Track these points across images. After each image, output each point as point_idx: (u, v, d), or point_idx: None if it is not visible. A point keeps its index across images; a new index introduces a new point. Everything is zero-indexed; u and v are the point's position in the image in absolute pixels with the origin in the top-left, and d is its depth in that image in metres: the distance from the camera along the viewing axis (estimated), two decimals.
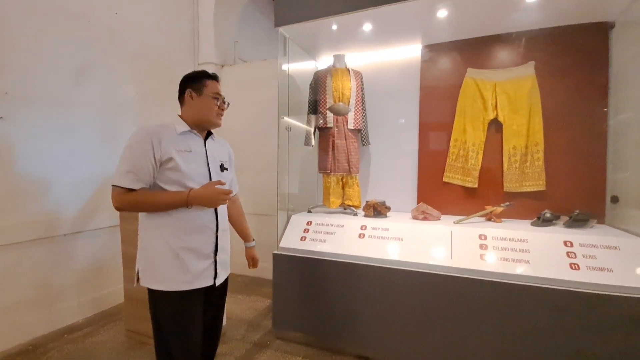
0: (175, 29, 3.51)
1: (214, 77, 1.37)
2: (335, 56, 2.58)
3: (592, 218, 2.00)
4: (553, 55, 2.21)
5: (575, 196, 2.16)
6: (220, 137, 1.49)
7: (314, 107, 2.59)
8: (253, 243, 1.67)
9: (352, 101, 2.50)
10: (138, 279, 1.31)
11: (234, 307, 2.82)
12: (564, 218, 2.05)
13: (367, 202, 2.42)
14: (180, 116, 1.36)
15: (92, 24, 2.69)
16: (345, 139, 2.50)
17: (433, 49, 2.53)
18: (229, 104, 1.41)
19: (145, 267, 1.29)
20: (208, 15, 3.66)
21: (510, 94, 2.28)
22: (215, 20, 3.65)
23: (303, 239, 2.29)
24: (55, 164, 2.45)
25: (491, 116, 2.34)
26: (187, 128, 1.32)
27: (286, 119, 2.49)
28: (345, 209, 2.57)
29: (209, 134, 1.41)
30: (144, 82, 3.13)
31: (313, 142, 2.64)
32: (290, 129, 2.50)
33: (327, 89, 2.50)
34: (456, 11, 2.09)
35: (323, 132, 2.58)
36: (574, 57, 2.17)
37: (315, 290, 2.16)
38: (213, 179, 1.33)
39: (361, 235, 2.18)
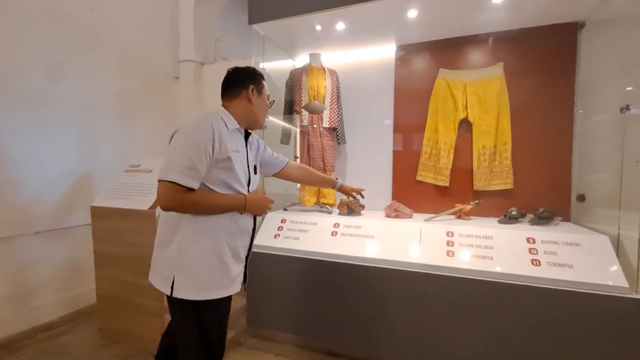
0: (154, 25, 3.48)
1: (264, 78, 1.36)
2: (311, 55, 2.60)
3: (556, 216, 2.05)
4: (522, 56, 2.25)
5: (541, 194, 2.21)
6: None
7: (290, 106, 2.60)
8: (340, 182, 1.80)
9: (328, 100, 2.52)
10: (172, 288, 1.15)
11: None
12: (530, 216, 2.10)
13: (341, 200, 2.45)
14: (227, 110, 1.25)
15: (68, 20, 2.66)
16: (321, 138, 2.52)
17: (406, 49, 2.56)
18: (273, 101, 1.42)
19: (185, 276, 1.15)
20: (188, 12, 3.64)
21: (479, 94, 2.33)
22: (195, 18, 3.64)
23: (276, 236, 2.30)
24: (31, 160, 2.42)
25: (462, 116, 2.38)
26: (237, 125, 1.23)
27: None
28: (320, 207, 2.59)
29: (248, 133, 1.33)
30: (122, 79, 3.11)
31: (285, 141, 2.65)
32: (265, 127, 2.51)
33: (303, 88, 2.51)
34: (427, 11, 2.12)
35: (299, 130, 2.59)
36: (543, 58, 2.21)
37: (288, 288, 2.18)
38: (251, 183, 1.29)
39: (334, 233, 2.21)
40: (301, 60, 2.90)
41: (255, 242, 2.31)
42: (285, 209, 2.62)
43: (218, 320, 1.22)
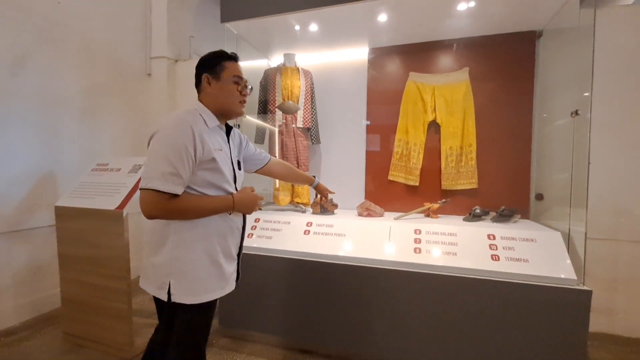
0: (125, 20, 3.38)
1: (234, 58, 1.21)
2: (285, 55, 2.61)
3: (516, 213, 2.17)
4: (485, 62, 2.37)
5: (503, 193, 2.33)
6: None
7: (264, 105, 2.61)
8: (317, 180, 1.77)
9: (301, 100, 2.55)
10: (169, 294, 1.12)
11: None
12: (493, 214, 2.21)
13: (314, 199, 2.48)
14: (201, 104, 1.18)
15: (31, 12, 2.54)
16: (294, 137, 2.54)
17: (379, 52, 2.63)
18: (252, 88, 1.25)
19: (181, 281, 1.12)
20: (161, 7, 3.56)
21: (447, 97, 2.43)
22: (168, 13, 3.56)
23: (250, 235, 2.30)
24: None
25: (430, 118, 2.47)
26: (216, 122, 1.17)
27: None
28: (295, 206, 2.61)
29: (229, 127, 1.28)
30: (89, 75, 2.99)
31: (259, 141, 2.66)
32: (239, 126, 2.50)
33: (277, 87, 2.53)
34: (397, 16, 2.19)
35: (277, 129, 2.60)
36: (504, 64, 2.34)
37: (260, 287, 2.19)
38: (237, 181, 1.25)
39: (306, 232, 2.24)
40: (276, 60, 2.91)
41: None
42: (259, 209, 2.62)
43: (209, 320, 1.23)
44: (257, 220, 2.39)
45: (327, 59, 2.78)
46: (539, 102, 2.30)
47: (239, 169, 1.29)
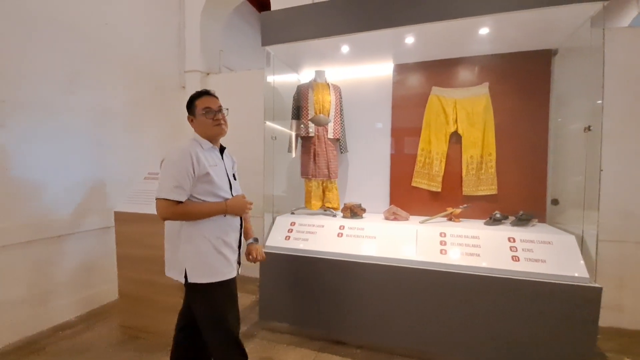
0: (162, 37, 3.65)
1: (204, 93, 1.56)
2: (317, 72, 2.84)
3: (534, 218, 2.36)
4: (504, 78, 2.56)
5: (521, 199, 2.52)
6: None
7: (297, 118, 2.84)
8: (251, 240, 1.80)
9: (332, 113, 2.77)
10: (186, 277, 1.47)
11: None
12: (511, 218, 2.40)
13: (345, 204, 2.69)
14: (197, 135, 1.56)
15: (83, 34, 2.81)
16: (325, 147, 2.76)
17: (403, 68, 2.83)
18: (227, 109, 1.60)
19: (194, 266, 1.46)
20: (194, 24, 3.82)
21: (468, 110, 2.62)
22: (201, 29, 3.81)
23: (287, 238, 2.53)
24: (49, 168, 2.56)
25: (452, 129, 2.67)
26: (210, 145, 1.54)
27: (269, 124, 2.71)
28: (325, 210, 2.83)
29: (222, 148, 1.64)
30: (132, 90, 3.26)
31: (294, 151, 2.89)
32: (275, 137, 2.74)
33: (309, 102, 2.75)
34: (421, 38, 2.39)
35: (305, 140, 2.83)
36: (522, 79, 2.53)
37: (298, 284, 2.41)
38: (232, 187, 1.59)
39: (340, 235, 2.45)
40: (305, 74, 3.13)
41: (268, 243, 2.54)
42: (292, 213, 2.84)
43: (227, 298, 1.53)
44: (292, 224, 2.61)
45: (354, 74, 2.99)
46: (554, 114, 2.48)
47: (234, 179, 1.65)
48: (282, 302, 2.47)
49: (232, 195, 1.58)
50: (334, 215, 2.72)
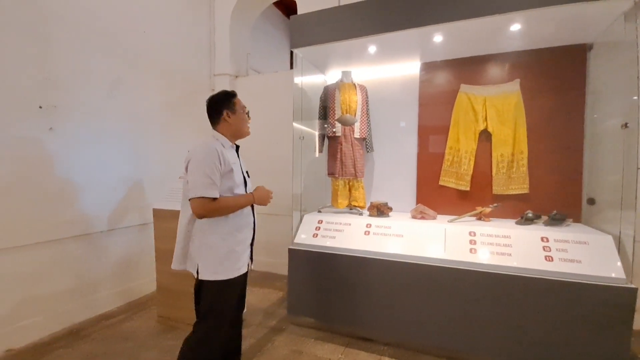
0: (194, 43, 3.81)
1: (236, 95, 1.64)
2: (343, 72, 2.88)
3: (568, 217, 2.29)
4: (536, 74, 2.50)
5: (555, 198, 2.45)
6: None
7: (324, 118, 2.89)
8: None
9: (358, 113, 2.80)
10: (198, 273, 1.53)
11: (251, 298, 3.11)
12: (544, 217, 2.34)
13: (371, 203, 2.72)
14: (220, 133, 1.61)
15: (123, 42, 2.99)
16: (352, 147, 2.80)
17: (430, 67, 2.82)
18: (249, 112, 1.69)
19: (206, 263, 1.51)
20: (224, 29, 3.96)
21: (498, 107, 2.58)
22: (230, 34, 3.95)
23: (315, 235, 2.59)
24: (93, 168, 2.75)
25: (481, 127, 2.63)
26: (230, 143, 1.60)
27: (297, 125, 2.78)
28: (351, 209, 2.87)
29: (237, 147, 1.69)
30: (167, 93, 3.43)
31: (321, 150, 2.94)
32: (302, 138, 2.80)
33: (336, 102, 2.80)
34: (450, 36, 2.38)
35: (332, 140, 2.88)
36: (555, 75, 2.46)
37: (325, 281, 2.46)
38: (247, 184, 1.66)
39: (366, 233, 2.48)
40: (331, 75, 3.18)
41: (296, 240, 2.61)
42: (319, 211, 2.90)
43: (232, 295, 1.58)
44: (320, 222, 2.67)
45: (380, 73, 3.00)
46: (590, 110, 2.40)
47: (248, 176, 1.71)
48: (309, 297, 2.53)
49: (246, 192, 1.64)
50: (360, 214, 2.75)
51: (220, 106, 1.59)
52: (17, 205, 2.27)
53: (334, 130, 2.81)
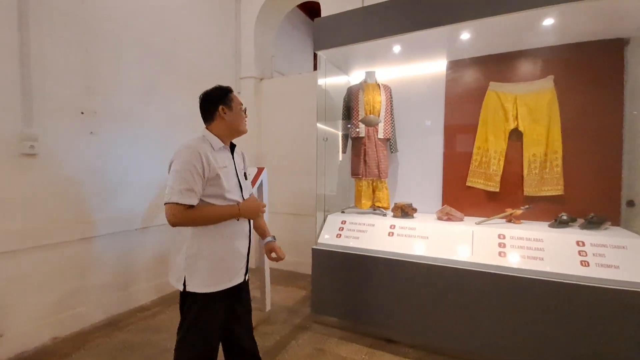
0: (220, 48, 3.94)
1: (233, 91, 1.49)
2: (367, 72, 2.87)
3: (606, 221, 2.16)
4: (571, 70, 2.38)
5: (591, 200, 2.32)
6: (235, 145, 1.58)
7: (347, 119, 2.90)
8: (270, 238, 1.68)
9: (382, 113, 2.79)
10: (185, 285, 1.36)
11: (275, 296, 3.17)
12: (580, 221, 2.23)
13: (395, 204, 2.70)
14: (210, 132, 1.44)
15: (156, 50, 3.15)
16: (376, 147, 2.79)
17: (458, 65, 2.75)
18: (246, 109, 1.53)
19: (193, 276, 1.36)
20: (248, 33, 4.06)
21: (530, 105, 2.48)
22: (254, 38, 4.05)
23: (338, 236, 2.60)
24: (128, 169, 2.91)
25: (512, 126, 2.54)
26: (221, 144, 1.43)
27: (320, 126, 2.81)
28: (375, 210, 2.86)
29: (233, 146, 1.53)
30: (196, 97, 3.52)
31: (343, 151, 2.96)
32: (326, 139, 2.83)
33: (360, 103, 2.80)
34: (479, 32, 2.31)
35: (356, 141, 2.88)
36: (591, 71, 2.33)
37: (349, 281, 2.47)
38: (242, 188, 1.49)
39: (390, 234, 2.47)
40: (355, 75, 3.18)
41: (320, 240, 2.64)
42: (343, 212, 2.92)
43: (214, 310, 1.39)
44: (343, 222, 2.68)
45: (405, 73, 2.97)
46: (629, 107, 2.25)
47: (245, 179, 1.55)
48: (333, 297, 2.55)
49: (243, 197, 1.48)
50: (384, 215, 2.73)
51: (216, 101, 1.44)
52: (63, 204, 2.45)
53: (358, 130, 2.81)
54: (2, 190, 2.14)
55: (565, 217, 2.23)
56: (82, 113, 2.57)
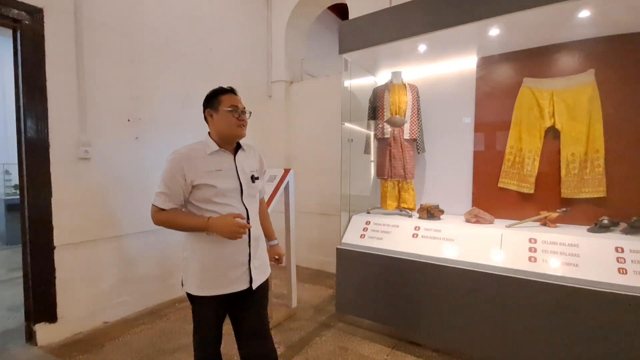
0: (252, 54, 4.11)
1: (229, 91, 1.43)
2: (393, 73, 2.85)
3: None
4: (614, 63, 2.19)
5: (638, 203, 2.12)
6: (250, 145, 1.55)
7: (373, 119, 2.91)
8: (275, 242, 1.73)
9: (408, 113, 2.75)
10: (183, 285, 1.43)
11: (302, 294, 3.27)
12: (624, 225, 2.05)
13: (421, 205, 2.66)
14: (209, 135, 1.44)
15: (193, 59, 3.38)
16: (401, 148, 2.76)
17: (488, 61, 2.64)
18: (250, 113, 1.46)
19: (187, 275, 1.40)
20: (280, 37, 4.20)
21: (568, 102, 2.32)
22: (285, 42, 4.17)
23: (362, 236, 2.62)
24: None
25: (548, 124, 2.39)
26: (216, 147, 1.39)
27: (347, 126, 2.84)
28: (400, 211, 2.83)
29: (239, 147, 1.47)
30: None
31: (368, 151, 2.96)
32: (352, 140, 2.86)
33: (385, 103, 2.79)
34: (511, 27, 2.19)
35: (381, 141, 2.88)
36: (638, 64, 2.13)
37: (372, 281, 2.49)
38: (244, 192, 1.41)
39: (415, 235, 2.44)
40: (382, 76, 3.17)
41: (344, 240, 2.68)
42: (368, 212, 2.93)
43: (210, 312, 1.39)
44: (368, 222, 2.69)
45: (432, 71, 2.90)
46: None
47: (252, 181, 1.45)
48: (357, 296, 2.57)
49: (242, 201, 1.40)
50: (410, 216, 2.70)
51: (205, 104, 1.44)
52: (113, 202, 2.73)
53: (384, 132, 2.80)
54: (64, 191, 2.44)
55: (606, 221, 2.07)
56: (129, 120, 2.83)
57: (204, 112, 1.45)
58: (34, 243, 2.31)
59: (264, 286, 1.52)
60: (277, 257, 1.71)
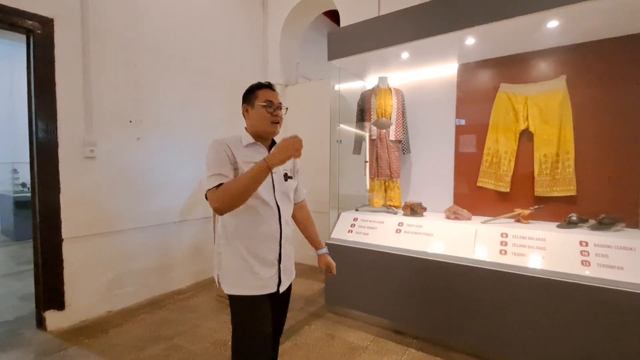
0: (249, 58, 4.28)
1: (267, 86, 1.40)
2: (380, 78, 3.02)
3: (619, 222, 2.12)
4: (585, 69, 2.34)
5: (606, 201, 2.28)
6: None
7: (361, 122, 3.07)
8: (324, 250, 1.66)
9: (394, 116, 2.92)
10: (219, 283, 1.39)
11: (295, 288, 3.34)
12: (592, 221, 2.20)
13: (405, 203, 2.82)
14: (245, 129, 1.44)
15: (192, 64, 3.55)
16: (387, 149, 2.93)
17: (468, 67, 2.80)
18: (287, 108, 1.43)
19: (222, 274, 1.37)
20: (275, 43, 4.36)
21: (541, 106, 2.47)
22: (280, 47, 4.34)
23: (350, 232, 2.79)
24: (169, 169, 3.33)
25: (522, 127, 2.55)
26: (251, 140, 1.38)
27: (338, 128, 3.00)
28: (387, 208, 3.00)
29: (273, 143, 1.47)
30: (228, 105, 3.93)
31: (356, 152, 3.13)
32: (340, 141, 3.02)
33: (372, 107, 2.96)
34: (489, 35, 2.34)
35: (370, 143, 3.04)
36: (606, 69, 2.28)
37: (359, 274, 2.65)
38: (276, 188, 1.39)
39: (398, 231, 2.61)
40: (370, 80, 3.33)
41: (332, 235, 2.84)
42: (356, 209, 3.09)
43: (251, 315, 1.32)
44: (355, 219, 2.86)
45: (417, 76, 3.07)
46: None
47: (285, 180, 1.43)
48: (345, 289, 2.74)
49: (275, 197, 1.38)
50: (395, 213, 2.87)
51: (243, 99, 1.44)
52: (116, 199, 2.91)
53: (371, 133, 2.97)
54: (71, 188, 2.62)
55: (574, 218, 2.22)
56: (131, 121, 3.01)
57: (242, 107, 1.45)
58: (44, 236, 2.50)
59: (288, 292, 1.50)
60: (328, 266, 1.66)
